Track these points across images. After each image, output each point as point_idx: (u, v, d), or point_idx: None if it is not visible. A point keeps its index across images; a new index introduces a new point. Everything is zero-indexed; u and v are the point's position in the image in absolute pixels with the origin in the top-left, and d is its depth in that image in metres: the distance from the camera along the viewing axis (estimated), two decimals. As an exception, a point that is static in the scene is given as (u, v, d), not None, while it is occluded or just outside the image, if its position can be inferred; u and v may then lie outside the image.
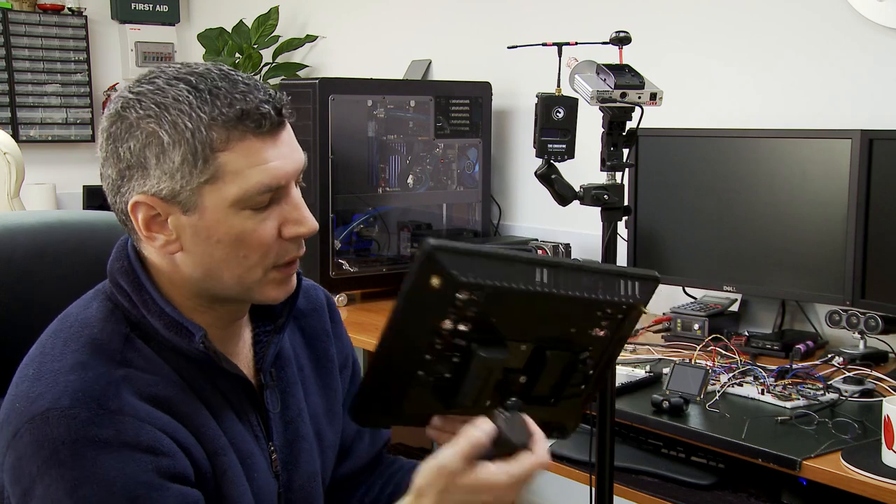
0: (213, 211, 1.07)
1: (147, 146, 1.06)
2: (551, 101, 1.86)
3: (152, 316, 1.11)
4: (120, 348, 1.09)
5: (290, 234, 1.11)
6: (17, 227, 1.34)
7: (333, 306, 1.38)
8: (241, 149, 1.06)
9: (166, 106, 1.05)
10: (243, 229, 1.08)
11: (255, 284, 1.12)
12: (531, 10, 3.16)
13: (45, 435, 1.01)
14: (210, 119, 1.05)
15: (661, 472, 1.94)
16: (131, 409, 1.04)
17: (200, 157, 1.05)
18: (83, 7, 4.60)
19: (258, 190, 1.07)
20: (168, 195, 1.07)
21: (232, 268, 1.10)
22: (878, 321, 2.17)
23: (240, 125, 1.06)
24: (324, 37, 4.04)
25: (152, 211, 1.09)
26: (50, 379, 1.05)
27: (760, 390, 1.99)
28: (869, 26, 2.34)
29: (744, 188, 2.39)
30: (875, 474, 1.59)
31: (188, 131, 1.05)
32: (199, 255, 1.10)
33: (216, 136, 1.05)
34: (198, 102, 1.05)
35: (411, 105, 3.07)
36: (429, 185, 3.13)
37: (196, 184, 1.06)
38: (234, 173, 1.06)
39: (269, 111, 1.07)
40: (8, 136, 3.54)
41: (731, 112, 2.62)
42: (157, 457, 1.04)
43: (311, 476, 1.25)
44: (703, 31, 2.70)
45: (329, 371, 1.33)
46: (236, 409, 1.17)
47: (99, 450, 1.01)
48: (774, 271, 2.35)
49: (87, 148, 4.64)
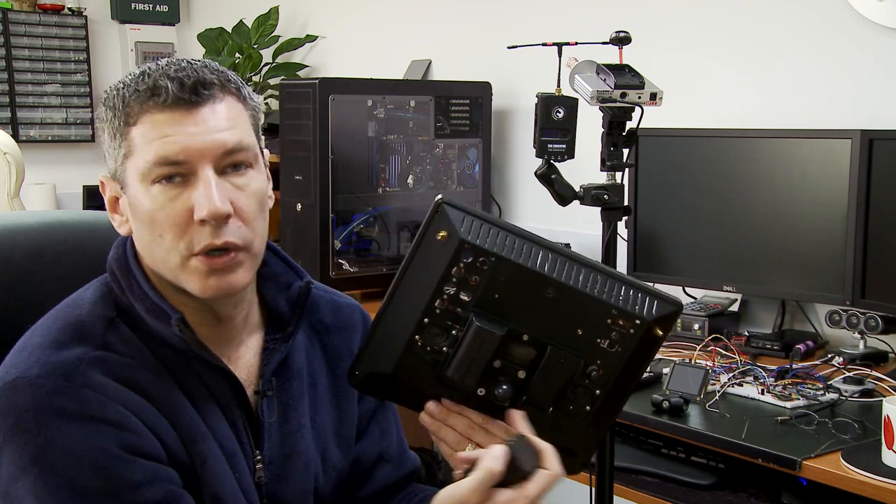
0: (132, 187, 1.10)
1: (100, 129, 1.14)
2: (551, 101, 1.86)
3: (136, 300, 1.12)
4: (101, 332, 1.10)
5: (196, 216, 1.07)
6: (16, 227, 1.34)
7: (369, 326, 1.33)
8: (146, 121, 1.08)
9: (114, 90, 1.11)
10: (153, 206, 1.09)
11: (178, 271, 1.10)
12: (531, 10, 3.16)
13: (10, 402, 1.03)
14: (129, 96, 1.09)
15: (661, 472, 1.94)
16: (98, 385, 1.06)
17: (119, 132, 1.10)
18: (83, 7, 4.60)
19: (154, 161, 1.07)
20: (112, 173, 1.14)
21: (156, 249, 1.10)
22: (878, 321, 2.17)
23: (148, 101, 1.08)
24: (324, 37, 4.04)
25: (112, 192, 1.15)
26: (28, 352, 1.08)
27: (760, 390, 1.99)
28: (869, 26, 2.34)
29: (744, 188, 2.39)
30: (875, 474, 1.59)
31: (114, 109, 1.10)
32: (137, 234, 1.13)
33: (129, 111, 1.09)
34: (131, 82, 1.10)
35: (411, 105, 3.07)
36: (429, 185, 3.13)
37: (120, 160, 1.11)
38: (140, 147, 1.08)
39: (167, 86, 1.07)
40: (8, 136, 3.54)
41: (731, 112, 2.62)
42: (123, 432, 1.05)
43: (303, 494, 1.22)
44: (703, 31, 2.70)
45: (346, 395, 1.30)
46: (222, 405, 1.15)
47: (63, 420, 1.03)
48: (774, 271, 2.35)
49: (87, 148, 4.64)
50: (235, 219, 1.09)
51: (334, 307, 1.33)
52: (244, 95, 1.14)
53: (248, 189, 1.11)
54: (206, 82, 1.09)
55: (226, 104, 1.11)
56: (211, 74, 1.10)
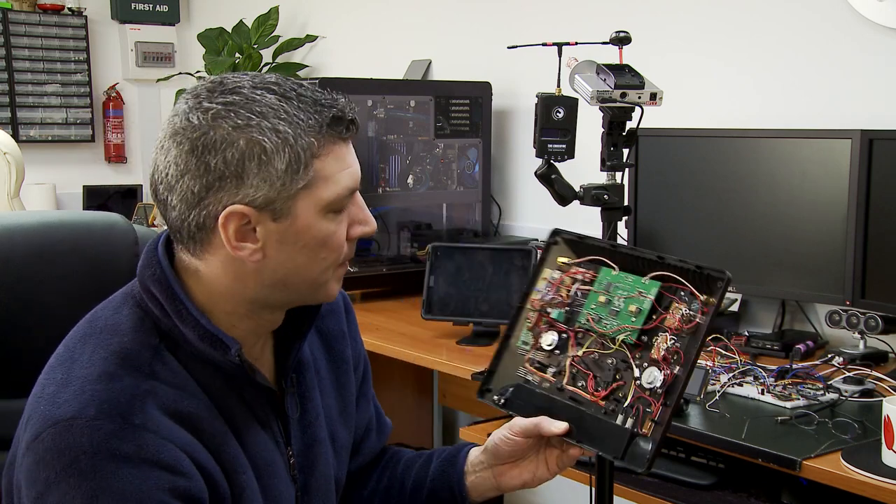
0: (304, 216, 1.09)
1: (248, 155, 1.05)
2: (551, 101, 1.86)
3: (185, 326, 1.10)
4: (149, 360, 1.08)
5: (356, 233, 1.15)
6: (15, 227, 1.34)
7: (350, 306, 1.40)
8: (332, 154, 1.10)
9: (264, 114, 1.06)
10: (329, 232, 1.11)
11: (324, 284, 1.15)
12: (531, 10, 3.16)
13: (67, 443, 1.01)
14: (307, 125, 1.07)
15: (661, 472, 1.93)
16: (154, 425, 1.04)
17: (302, 163, 1.07)
18: (83, 7, 4.60)
19: (346, 193, 1.12)
20: (262, 203, 1.07)
21: (310, 271, 1.12)
22: (878, 321, 2.17)
23: (331, 131, 1.09)
24: (324, 37, 4.04)
25: (244, 220, 1.08)
26: (77, 386, 1.05)
27: (760, 390, 1.99)
28: (869, 26, 2.34)
29: (744, 188, 2.39)
30: (875, 474, 1.59)
31: (291, 137, 1.06)
32: (280, 261, 1.10)
33: (314, 141, 1.07)
34: (293, 110, 1.07)
35: (411, 105, 3.07)
36: (429, 185, 3.13)
37: (294, 190, 1.07)
38: (327, 178, 1.09)
39: (354, 117, 1.11)
40: (8, 136, 3.54)
41: (731, 112, 2.62)
42: (175, 476, 1.04)
43: (328, 479, 1.26)
44: (703, 31, 2.70)
45: (345, 372, 1.34)
46: (260, 418, 1.17)
47: (119, 463, 1.01)
48: (774, 271, 2.35)
49: (87, 148, 4.65)
50: None
51: None
52: None
53: None
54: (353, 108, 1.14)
55: None
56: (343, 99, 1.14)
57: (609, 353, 1.22)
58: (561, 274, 1.31)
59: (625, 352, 1.21)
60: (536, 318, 1.29)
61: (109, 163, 4.72)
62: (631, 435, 1.17)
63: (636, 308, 1.21)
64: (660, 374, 1.17)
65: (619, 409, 1.19)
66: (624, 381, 1.20)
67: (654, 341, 1.19)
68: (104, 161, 4.71)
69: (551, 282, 1.31)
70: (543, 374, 1.28)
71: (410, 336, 2.58)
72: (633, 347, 1.21)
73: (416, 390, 3.33)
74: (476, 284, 2.58)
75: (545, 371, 1.29)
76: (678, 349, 1.17)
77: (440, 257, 2.59)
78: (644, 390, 1.17)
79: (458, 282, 2.58)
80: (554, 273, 1.31)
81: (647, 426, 1.16)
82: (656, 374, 1.17)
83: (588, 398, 1.21)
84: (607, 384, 1.21)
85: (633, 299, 1.22)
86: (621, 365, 1.21)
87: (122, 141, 4.72)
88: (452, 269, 2.58)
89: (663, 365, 1.17)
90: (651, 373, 1.18)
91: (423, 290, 2.56)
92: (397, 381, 3.23)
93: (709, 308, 1.17)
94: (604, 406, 1.20)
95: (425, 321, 2.57)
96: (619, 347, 1.21)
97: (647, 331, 1.20)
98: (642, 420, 1.17)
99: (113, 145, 4.69)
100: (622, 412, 1.18)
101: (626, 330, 1.21)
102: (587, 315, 1.25)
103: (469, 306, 2.57)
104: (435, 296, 2.56)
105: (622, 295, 1.24)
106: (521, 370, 1.31)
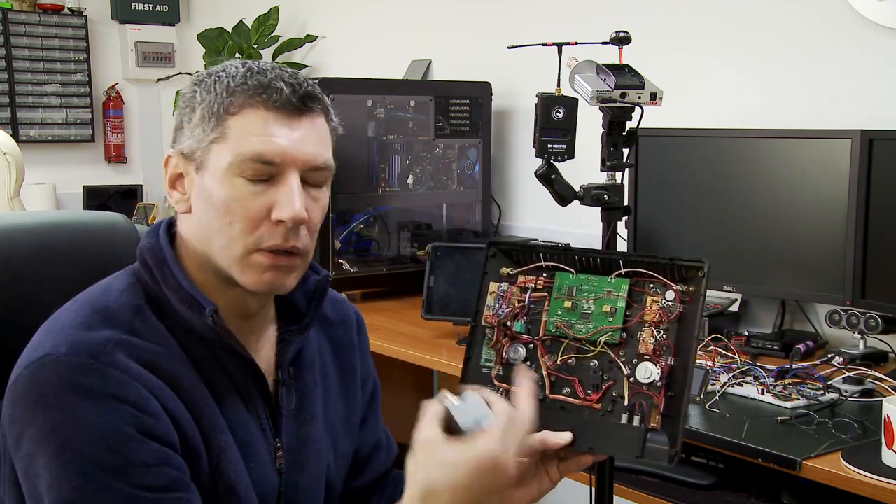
0: (213, 171, 1.12)
1: (186, 107, 1.16)
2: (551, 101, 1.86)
3: (169, 289, 1.14)
4: (129, 318, 1.12)
5: (274, 216, 1.12)
6: (16, 227, 1.34)
7: (362, 323, 1.41)
8: (250, 115, 1.12)
9: (217, 79, 1.14)
10: (233, 195, 1.12)
11: (237, 261, 1.13)
12: (531, 10, 3.16)
13: (38, 379, 1.05)
14: (235, 86, 1.12)
15: (661, 472, 1.93)
16: (123, 366, 1.07)
17: (214, 116, 1.12)
18: (83, 7, 4.60)
19: (250, 156, 1.11)
20: (188, 152, 1.15)
21: (219, 235, 1.13)
22: (878, 321, 2.17)
23: (257, 96, 1.12)
24: (324, 37, 4.04)
25: (177, 169, 1.17)
26: (55, 333, 1.10)
27: (760, 390, 1.99)
28: (869, 26, 2.34)
29: (744, 188, 2.39)
30: (875, 474, 1.59)
31: (214, 94, 1.13)
32: (198, 216, 1.15)
33: (233, 100, 1.12)
34: (237, 74, 1.13)
35: (411, 105, 3.07)
36: (429, 185, 3.13)
37: (207, 142, 1.13)
38: (237, 137, 1.11)
39: (282, 88, 1.12)
40: (8, 136, 3.54)
41: (731, 112, 2.62)
42: (141, 413, 1.06)
43: (317, 479, 1.26)
44: (703, 31, 2.70)
45: (352, 381, 1.36)
46: (244, 396, 1.18)
47: (83, 397, 1.04)
48: (774, 271, 2.35)
49: (87, 148, 4.65)
50: (304, 227, 1.15)
51: (332, 301, 1.37)
52: (331, 118, 1.20)
53: (319, 203, 1.17)
54: (313, 96, 1.15)
55: (322, 122, 1.17)
56: (317, 91, 1.16)
57: (590, 356, 1.21)
58: (509, 286, 1.29)
59: (608, 352, 1.20)
60: (496, 333, 1.27)
61: (109, 163, 4.72)
62: (644, 432, 1.16)
63: (610, 308, 1.20)
64: (655, 367, 1.16)
65: (620, 409, 1.18)
66: (614, 380, 1.19)
67: (639, 337, 1.18)
68: (104, 161, 4.71)
69: (501, 295, 1.29)
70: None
71: (410, 336, 2.58)
72: (615, 347, 1.20)
73: (416, 390, 3.32)
74: (476, 284, 2.57)
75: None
76: (666, 341, 1.16)
77: (440, 257, 2.59)
78: (640, 385, 1.17)
79: (458, 282, 2.58)
80: (502, 285, 1.29)
81: (654, 420, 1.16)
82: (652, 369, 1.16)
83: (579, 403, 1.20)
84: (597, 386, 1.19)
85: (602, 300, 1.21)
86: (606, 366, 1.20)
87: (122, 141, 4.72)
88: (452, 269, 2.58)
89: (655, 358, 1.17)
90: (646, 368, 1.17)
91: (423, 290, 2.56)
92: (397, 381, 3.23)
93: (691, 297, 1.17)
94: (600, 408, 1.19)
95: (425, 321, 2.57)
96: (601, 349, 1.20)
97: (626, 328, 1.19)
98: (648, 415, 1.16)
99: (113, 145, 4.69)
100: (625, 411, 1.17)
101: (605, 331, 1.20)
102: (555, 322, 1.23)
103: (469, 306, 2.54)
104: (435, 296, 2.56)
105: (589, 297, 1.22)
106: (490, 388, 1.26)
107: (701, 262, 1.17)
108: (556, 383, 1.22)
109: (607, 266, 1.22)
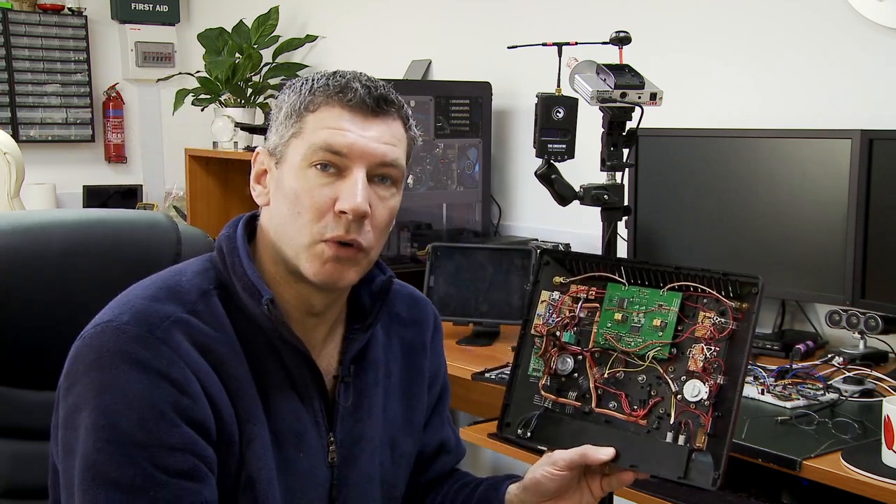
0: (290, 164, 1.17)
1: (275, 108, 1.22)
2: (551, 101, 1.86)
3: (236, 277, 1.18)
4: (194, 299, 1.15)
5: (337, 207, 1.15)
6: (54, 223, 1.35)
7: (438, 324, 1.42)
8: (326, 112, 1.17)
9: (301, 79, 1.21)
10: (303, 186, 1.15)
11: (303, 250, 1.16)
12: (531, 10, 3.16)
13: (99, 341, 1.09)
14: (317, 87, 1.18)
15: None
16: (175, 343, 1.10)
17: (295, 114, 1.18)
18: (83, 7, 4.60)
19: (319, 145, 1.15)
20: (272, 148, 1.20)
21: (289, 225, 1.16)
22: (878, 321, 2.17)
23: (334, 95, 1.17)
24: (324, 37, 4.04)
25: (262, 165, 1.22)
26: (124, 302, 1.14)
27: (760, 390, 1.99)
28: (869, 26, 2.34)
29: (744, 188, 2.39)
30: (875, 474, 1.59)
31: (298, 94, 1.19)
32: (275, 208, 1.19)
33: (313, 99, 1.18)
34: (321, 77, 1.20)
35: (411, 105, 3.05)
36: (429, 185, 3.13)
37: (287, 137, 1.18)
38: (311, 131, 1.16)
39: (357, 89, 1.17)
40: (8, 136, 3.54)
41: (731, 112, 2.62)
42: (181, 395, 1.09)
43: (369, 477, 1.28)
44: (703, 31, 2.70)
45: (418, 384, 1.37)
46: (299, 389, 1.20)
47: (132, 366, 1.08)
48: (774, 271, 2.35)
49: (87, 148, 4.65)
50: (368, 222, 1.18)
51: (411, 301, 1.39)
52: (410, 125, 1.25)
53: (386, 202, 1.21)
54: (389, 99, 1.20)
55: (397, 126, 1.21)
56: (394, 96, 1.21)
57: (638, 370, 1.19)
58: (561, 295, 1.28)
59: (656, 367, 1.18)
60: (545, 343, 1.26)
61: (109, 163, 4.72)
62: (689, 452, 1.13)
63: (660, 322, 1.18)
64: (704, 385, 1.14)
65: (666, 427, 1.16)
66: (661, 396, 1.17)
67: (689, 354, 1.16)
68: (104, 161, 4.71)
69: (552, 304, 1.28)
70: (565, 399, 1.25)
71: (410, 336, 2.58)
72: (664, 362, 1.17)
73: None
74: (476, 284, 2.58)
75: (566, 396, 1.25)
76: (717, 358, 1.14)
77: (440, 257, 2.59)
78: (688, 404, 1.14)
79: (458, 282, 2.58)
80: (553, 294, 1.28)
81: (700, 440, 1.13)
82: (700, 387, 1.14)
83: (624, 419, 1.18)
84: (644, 402, 1.18)
85: (653, 313, 1.19)
86: (654, 381, 1.18)
87: (122, 141, 4.72)
88: (452, 269, 2.58)
89: (704, 376, 1.14)
90: (694, 386, 1.15)
91: (423, 290, 2.56)
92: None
93: (743, 314, 1.14)
94: (646, 425, 1.17)
95: (425, 321, 2.57)
96: (649, 364, 1.18)
97: (676, 344, 1.17)
98: (694, 434, 1.14)
99: (113, 145, 4.70)
100: (670, 429, 1.15)
101: (654, 346, 1.18)
102: (605, 334, 1.22)
103: (469, 306, 2.57)
104: (435, 296, 2.56)
105: (640, 310, 1.21)
106: (537, 398, 1.27)
107: (755, 278, 1.14)
108: (602, 396, 1.21)
109: (659, 278, 1.20)
